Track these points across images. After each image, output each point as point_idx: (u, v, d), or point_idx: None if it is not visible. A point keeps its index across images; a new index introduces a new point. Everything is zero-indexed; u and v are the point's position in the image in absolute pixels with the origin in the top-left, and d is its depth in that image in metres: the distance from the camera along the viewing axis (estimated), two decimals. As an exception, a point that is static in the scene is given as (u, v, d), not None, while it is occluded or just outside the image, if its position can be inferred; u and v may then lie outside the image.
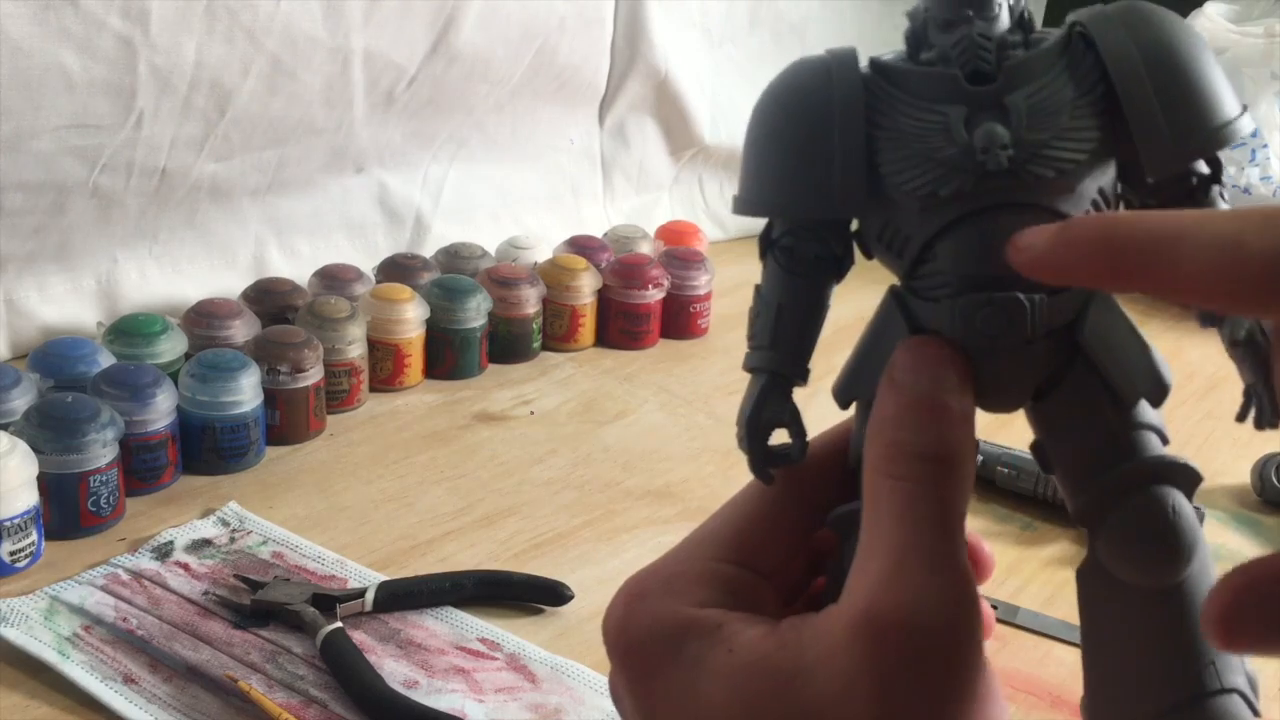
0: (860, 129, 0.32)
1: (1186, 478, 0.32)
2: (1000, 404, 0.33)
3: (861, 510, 0.32)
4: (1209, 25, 1.27)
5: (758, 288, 0.35)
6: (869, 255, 0.35)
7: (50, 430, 0.68)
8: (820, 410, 0.37)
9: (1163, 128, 0.31)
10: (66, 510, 0.70)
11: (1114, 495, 0.32)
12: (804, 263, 0.35)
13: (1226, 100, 0.32)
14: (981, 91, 0.32)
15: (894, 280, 0.34)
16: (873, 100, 0.33)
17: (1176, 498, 0.32)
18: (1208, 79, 0.32)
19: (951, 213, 0.32)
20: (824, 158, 0.33)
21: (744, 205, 0.35)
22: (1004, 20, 0.32)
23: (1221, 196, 0.33)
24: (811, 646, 0.30)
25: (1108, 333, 0.33)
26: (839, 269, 0.35)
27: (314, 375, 0.83)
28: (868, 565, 0.30)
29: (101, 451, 0.70)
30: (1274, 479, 0.84)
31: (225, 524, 0.72)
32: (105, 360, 0.79)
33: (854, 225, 0.35)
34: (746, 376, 0.36)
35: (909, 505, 0.31)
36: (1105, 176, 0.32)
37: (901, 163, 0.32)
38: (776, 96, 0.35)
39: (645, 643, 0.33)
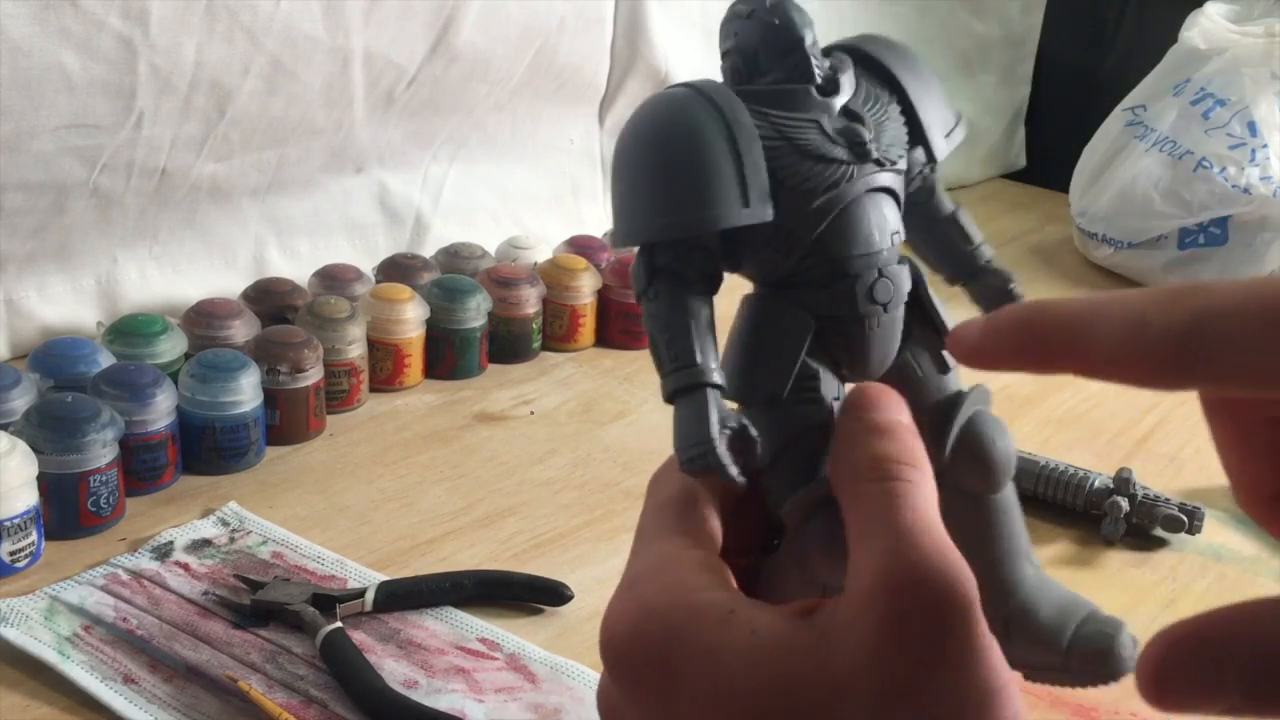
0: (756, 141, 0.35)
1: (982, 396, 0.39)
2: (878, 370, 0.38)
3: (819, 502, 0.36)
4: (1209, 25, 1.27)
5: (650, 320, 0.37)
6: (732, 269, 0.38)
7: (50, 430, 0.68)
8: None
9: (938, 124, 0.39)
10: (66, 510, 0.70)
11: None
12: (695, 280, 0.37)
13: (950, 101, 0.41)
14: (827, 101, 0.37)
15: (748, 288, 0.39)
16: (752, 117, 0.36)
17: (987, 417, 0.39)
18: (942, 88, 0.40)
19: (833, 205, 0.36)
20: (726, 173, 0.35)
21: (637, 232, 0.36)
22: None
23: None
24: (831, 620, 0.31)
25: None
26: (716, 285, 0.38)
27: (314, 375, 0.83)
28: (871, 545, 0.32)
29: (101, 451, 0.70)
30: (1274, 479, 0.84)
31: (225, 524, 0.72)
32: (105, 360, 0.79)
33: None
34: None
35: (903, 498, 0.33)
36: (913, 159, 0.39)
37: (793, 165, 0.36)
38: (658, 123, 0.37)
39: (658, 642, 0.32)
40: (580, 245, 1.10)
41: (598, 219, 1.26)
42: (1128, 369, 0.28)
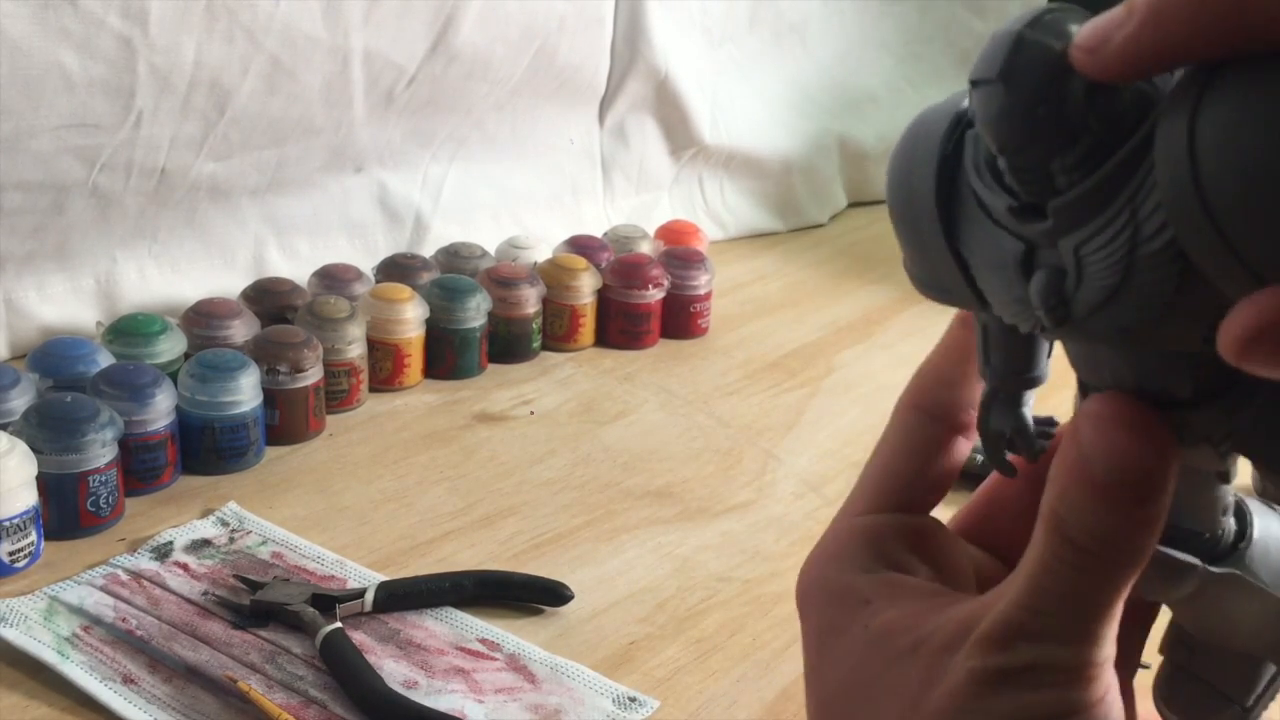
0: (941, 239, 0.29)
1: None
2: None
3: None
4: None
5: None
6: None
7: (49, 430, 0.68)
8: (823, 411, 0.38)
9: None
10: (66, 510, 0.69)
11: None
12: None
13: None
14: (1036, 230, 0.26)
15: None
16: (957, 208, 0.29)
17: None
18: None
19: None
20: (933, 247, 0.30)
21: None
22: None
23: None
24: (929, 640, 0.31)
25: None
26: None
27: (313, 375, 0.83)
28: (1013, 583, 0.30)
29: (101, 451, 0.70)
30: (1275, 479, 0.84)
31: (225, 524, 0.72)
32: (104, 360, 0.79)
33: None
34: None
35: (1076, 566, 0.29)
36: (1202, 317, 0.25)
37: (990, 288, 0.29)
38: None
39: (812, 605, 0.35)
40: (580, 245, 1.10)
41: (598, 219, 1.26)
42: None
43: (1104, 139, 0.24)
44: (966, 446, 0.36)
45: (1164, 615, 0.36)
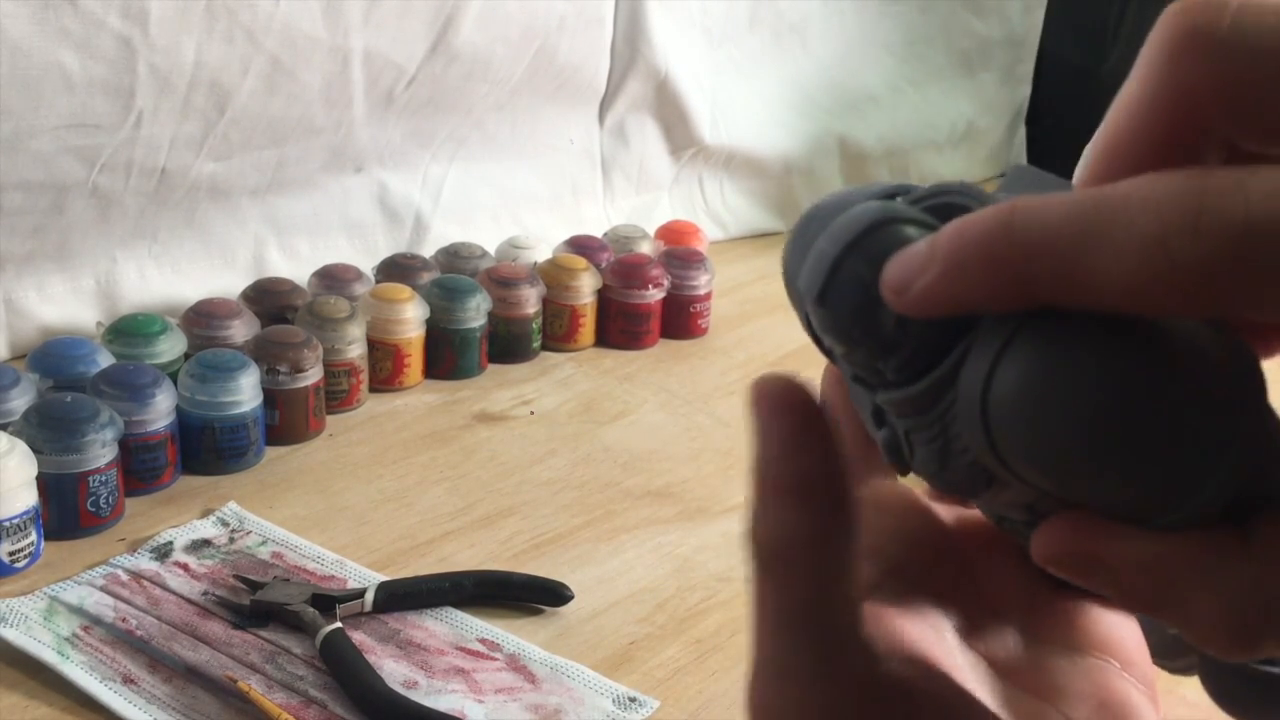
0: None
1: None
2: None
3: None
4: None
5: None
6: None
7: (49, 430, 0.68)
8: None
9: None
10: (66, 510, 0.69)
11: None
12: None
13: None
14: (873, 399, 0.28)
15: None
16: None
17: None
18: None
19: None
20: None
21: None
22: None
23: None
24: None
25: None
26: None
27: (313, 375, 0.83)
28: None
29: (101, 451, 0.70)
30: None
31: (225, 524, 0.72)
32: (104, 360, 0.79)
33: None
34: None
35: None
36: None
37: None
38: None
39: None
40: (580, 245, 1.10)
41: (598, 219, 1.26)
42: (1143, 300, 0.21)
43: (922, 353, 0.26)
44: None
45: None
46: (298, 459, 0.82)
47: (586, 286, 1.02)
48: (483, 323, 0.96)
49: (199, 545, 0.70)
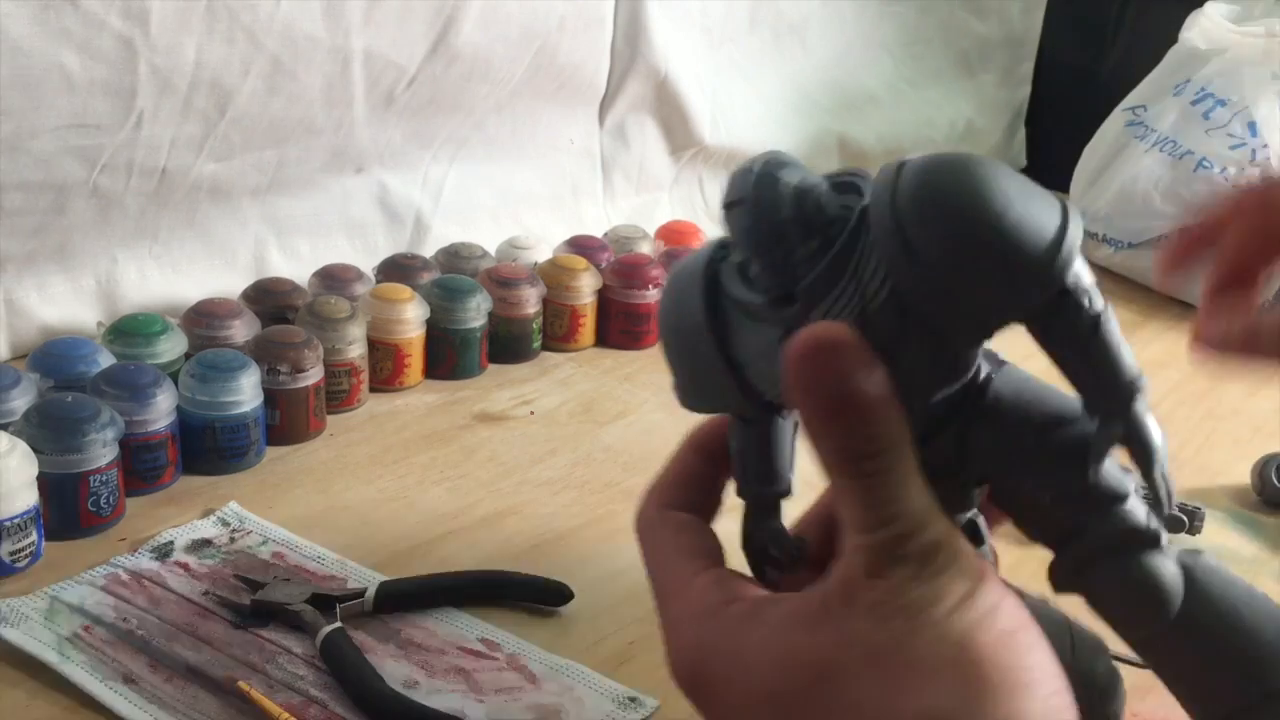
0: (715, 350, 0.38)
1: (1150, 539, 0.36)
2: None
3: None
4: (1209, 25, 1.27)
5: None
6: None
7: (50, 430, 0.68)
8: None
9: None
10: (66, 510, 0.70)
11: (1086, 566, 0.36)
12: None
13: None
14: (789, 314, 0.35)
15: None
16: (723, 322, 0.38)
17: (1143, 565, 0.35)
18: None
19: None
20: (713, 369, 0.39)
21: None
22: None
23: None
24: (834, 586, 0.35)
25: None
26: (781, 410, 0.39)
27: (314, 375, 0.83)
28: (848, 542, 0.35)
29: (101, 451, 0.70)
30: (1274, 479, 0.84)
31: (225, 524, 0.72)
32: (105, 360, 0.79)
33: None
34: None
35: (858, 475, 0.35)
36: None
37: (761, 376, 0.37)
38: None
39: (702, 665, 0.38)
40: (580, 245, 1.10)
41: (598, 219, 1.26)
42: None
43: (829, 234, 0.34)
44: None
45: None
46: (298, 459, 0.82)
47: (587, 286, 1.03)
48: (483, 323, 0.96)
49: (200, 545, 0.70)
